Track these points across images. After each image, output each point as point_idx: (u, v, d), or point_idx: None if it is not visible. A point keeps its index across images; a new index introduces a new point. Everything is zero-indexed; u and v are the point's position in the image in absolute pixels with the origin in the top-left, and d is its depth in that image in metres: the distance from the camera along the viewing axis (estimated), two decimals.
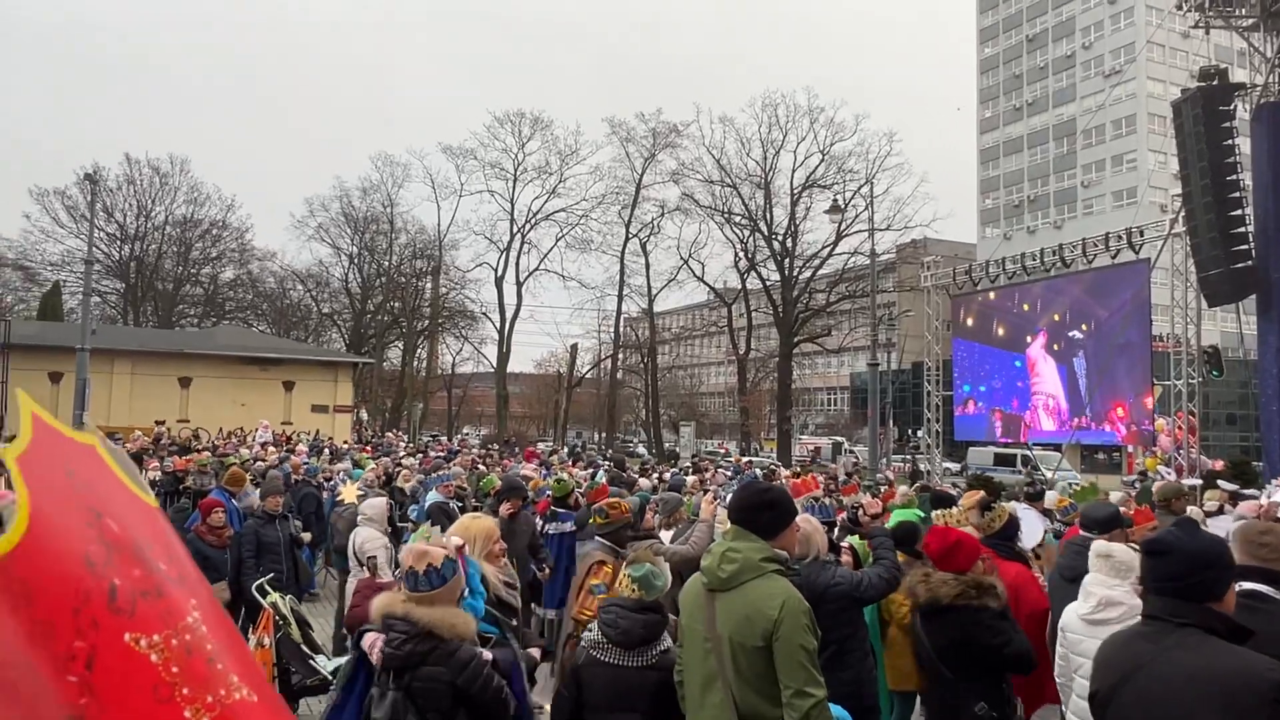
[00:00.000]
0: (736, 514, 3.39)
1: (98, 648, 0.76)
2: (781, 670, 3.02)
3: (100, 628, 0.76)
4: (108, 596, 0.77)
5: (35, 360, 30.10)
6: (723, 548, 3.29)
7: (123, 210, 50.04)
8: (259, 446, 20.82)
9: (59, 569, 0.74)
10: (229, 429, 27.16)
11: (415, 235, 53.05)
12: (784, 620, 3.03)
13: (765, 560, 3.18)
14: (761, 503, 3.39)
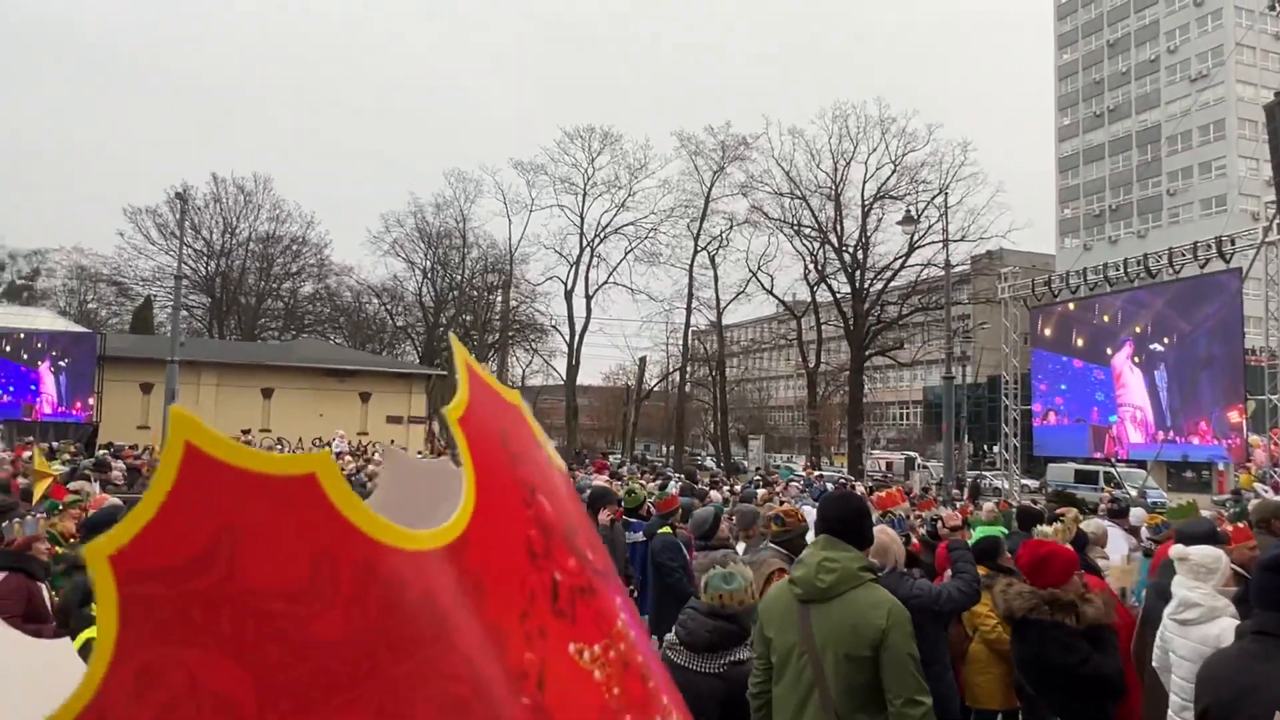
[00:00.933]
0: (830, 523, 3.35)
1: (547, 662, 0.60)
2: (890, 679, 2.98)
3: (547, 636, 0.61)
4: (551, 596, 0.62)
5: (128, 371, 31.43)
6: (817, 558, 3.24)
7: (209, 227, 52.01)
8: (336, 455, 21.38)
9: (505, 561, 0.60)
10: (308, 439, 27.94)
11: (487, 249, 53.96)
12: (891, 629, 2.99)
13: (863, 569, 3.15)
14: (856, 512, 3.35)
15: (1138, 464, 27.84)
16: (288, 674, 0.48)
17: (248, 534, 0.48)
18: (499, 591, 0.60)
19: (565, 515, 0.66)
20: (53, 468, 16.94)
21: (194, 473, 0.47)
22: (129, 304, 52.93)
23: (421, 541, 0.54)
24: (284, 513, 0.49)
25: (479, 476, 0.59)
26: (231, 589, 0.47)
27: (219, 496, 0.47)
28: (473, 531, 0.57)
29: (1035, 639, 4.12)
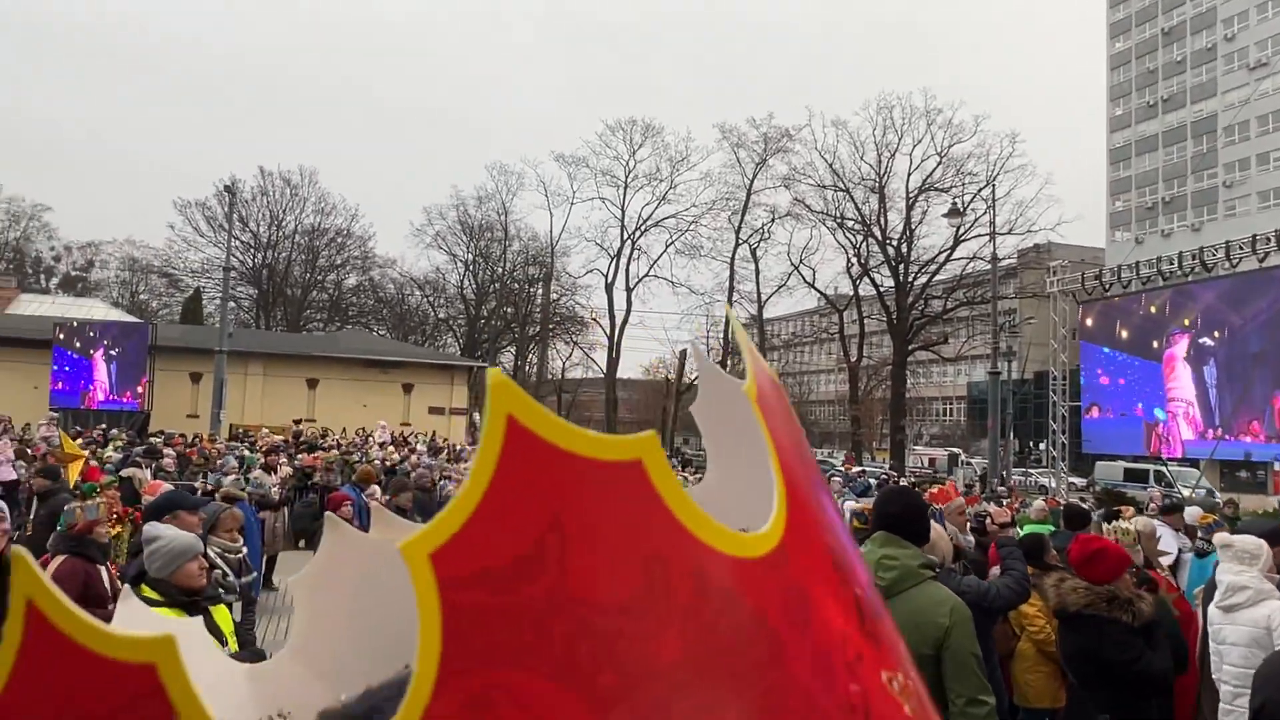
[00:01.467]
0: (888, 519, 3.29)
1: (870, 695, 0.51)
2: (953, 678, 2.93)
3: (863, 663, 0.53)
4: (859, 616, 0.54)
5: (178, 361, 32.09)
6: (876, 555, 3.19)
7: (256, 220, 52.87)
8: (378, 446, 21.62)
9: (819, 573, 0.52)
10: (352, 428, 28.32)
11: (528, 242, 54.25)
12: (955, 627, 2.94)
13: (923, 566, 3.10)
14: (914, 508, 3.30)
15: (1190, 462, 27.20)
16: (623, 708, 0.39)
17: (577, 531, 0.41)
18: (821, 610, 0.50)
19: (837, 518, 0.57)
20: (105, 454, 17.36)
21: (519, 455, 0.40)
22: (179, 295, 54.04)
23: (748, 547, 0.46)
24: (613, 507, 0.42)
25: (786, 473, 0.51)
26: (563, 598, 0.40)
27: (546, 484, 0.40)
28: (789, 537, 0.48)
29: (1092, 634, 4.04)
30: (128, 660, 0.41)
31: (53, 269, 59.31)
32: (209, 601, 4.16)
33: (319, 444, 21.16)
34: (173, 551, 3.99)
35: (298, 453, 18.34)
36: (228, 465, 13.17)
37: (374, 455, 18.85)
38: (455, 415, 36.03)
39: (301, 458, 17.67)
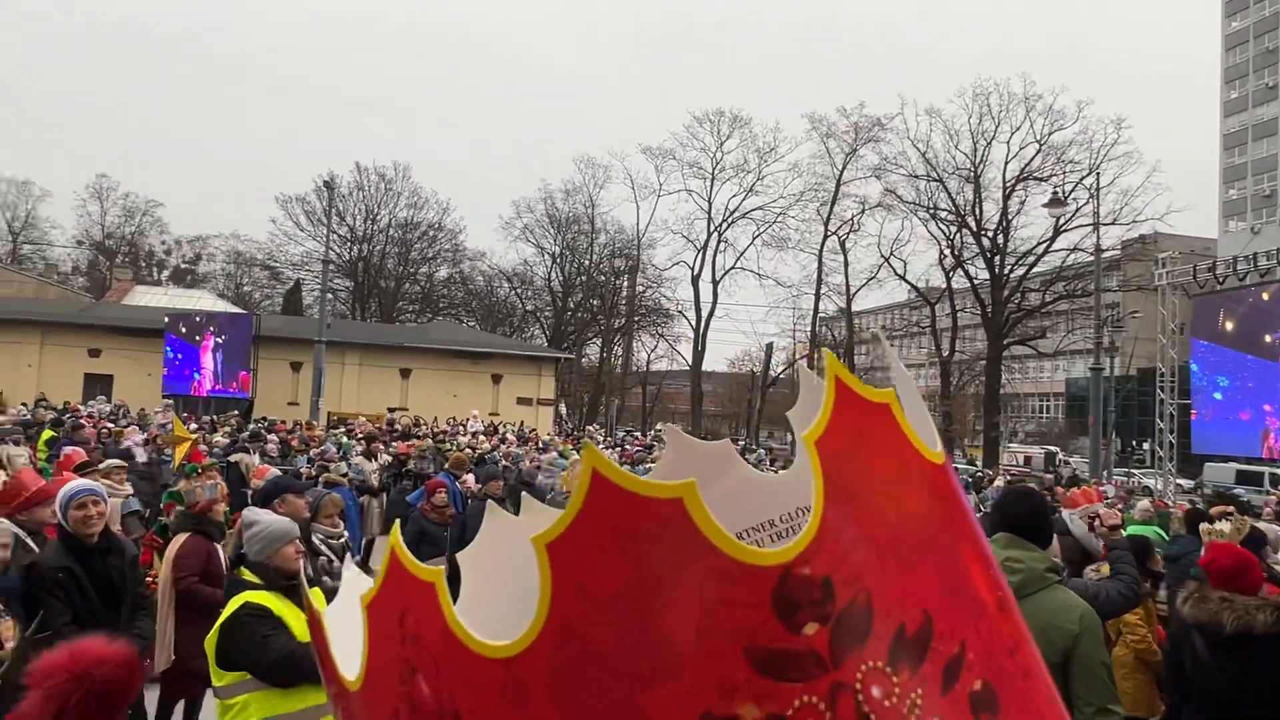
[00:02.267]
0: (1012, 521, 3.17)
1: None
2: (1082, 686, 2.81)
3: None
4: None
5: (280, 351, 33.35)
6: (1000, 557, 3.06)
7: (353, 214, 54.43)
8: (470, 435, 22.07)
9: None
10: (443, 418, 28.96)
11: (614, 235, 54.48)
12: (1085, 634, 2.82)
13: (1049, 570, 2.98)
14: (1040, 510, 3.18)
15: None
16: None
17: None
18: None
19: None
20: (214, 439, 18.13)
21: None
22: (280, 287, 56.12)
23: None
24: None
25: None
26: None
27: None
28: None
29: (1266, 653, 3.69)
30: (662, 497, 0.60)
31: (164, 262, 62.34)
32: (306, 584, 4.27)
33: (412, 432, 21.72)
34: (271, 535, 4.10)
35: (392, 441, 18.84)
36: (328, 452, 13.61)
37: (464, 443, 19.25)
38: (543, 406, 36.51)
39: (396, 445, 18.16)
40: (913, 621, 0.66)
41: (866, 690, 0.63)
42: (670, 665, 0.61)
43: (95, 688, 1.85)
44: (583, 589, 0.61)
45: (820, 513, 0.64)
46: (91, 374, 32.41)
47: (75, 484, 4.72)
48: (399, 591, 0.69)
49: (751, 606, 0.61)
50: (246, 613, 3.87)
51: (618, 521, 0.60)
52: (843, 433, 0.67)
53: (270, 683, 3.84)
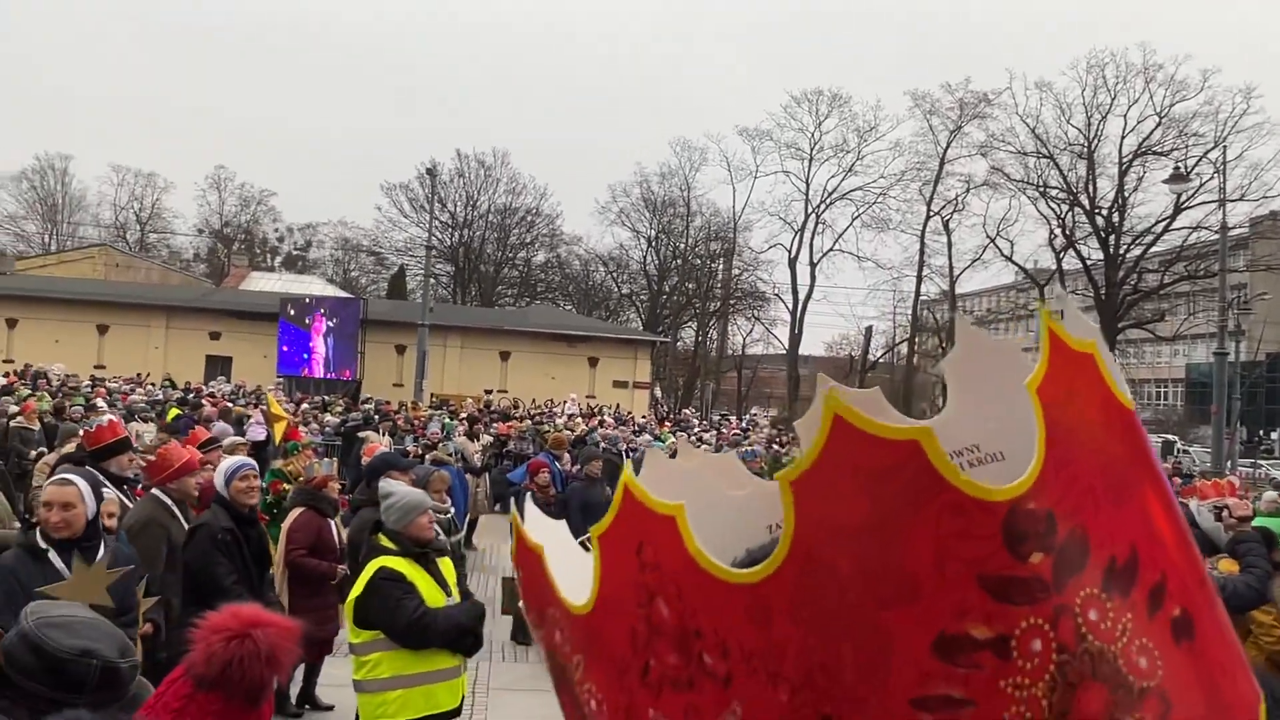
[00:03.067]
0: None
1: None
2: None
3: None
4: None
5: (385, 334, 34.43)
6: None
7: (454, 201, 55.59)
8: (568, 417, 22.39)
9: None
10: (541, 400, 29.45)
11: (710, 218, 54.20)
12: None
13: None
14: None
15: None
16: None
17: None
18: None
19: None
20: (325, 418, 18.87)
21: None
22: (385, 272, 57.86)
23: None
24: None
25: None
26: None
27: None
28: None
29: None
30: (899, 439, 0.66)
31: (277, 249, 64.94)
32: (436, 553, 4.49)
33: (511, 413, 22.17)
34: (406, 506, 4.34)
35: (492, 422, 19.28)
36: (433, 431, 14.02)
37: (562, 425, 19.55)
38: (638, 389, 36.72)
39: (497, 426, 18.58)
40: (1122, 553, 0.72)
41: (1085, 613, 0.69)
42: (908, 590, 0.67)
43: (260, 648, 1.95)
44: (826, 521, 0.68)
45: (1043, 454, 0.69)
46: (212, 355, 34.14)
47: (236, 459, 5.12)
48: (636, 524, 0.78)
49: (983, 538, 0.66)
50: (382, 576, 4.12)
51: (859, 461, 0.66)
52: (1058, 380, 0.73)
53: (401, 643, 4.08)
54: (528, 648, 8.19)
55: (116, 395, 18.38)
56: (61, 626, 1.57)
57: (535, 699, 6.96)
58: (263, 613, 2.10)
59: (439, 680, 4.19)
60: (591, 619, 0.81)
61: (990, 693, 0.67)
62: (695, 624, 0.75)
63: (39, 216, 58.07)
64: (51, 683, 1.50)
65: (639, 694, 0.81)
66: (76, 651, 1.54)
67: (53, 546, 3.53)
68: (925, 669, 0.67)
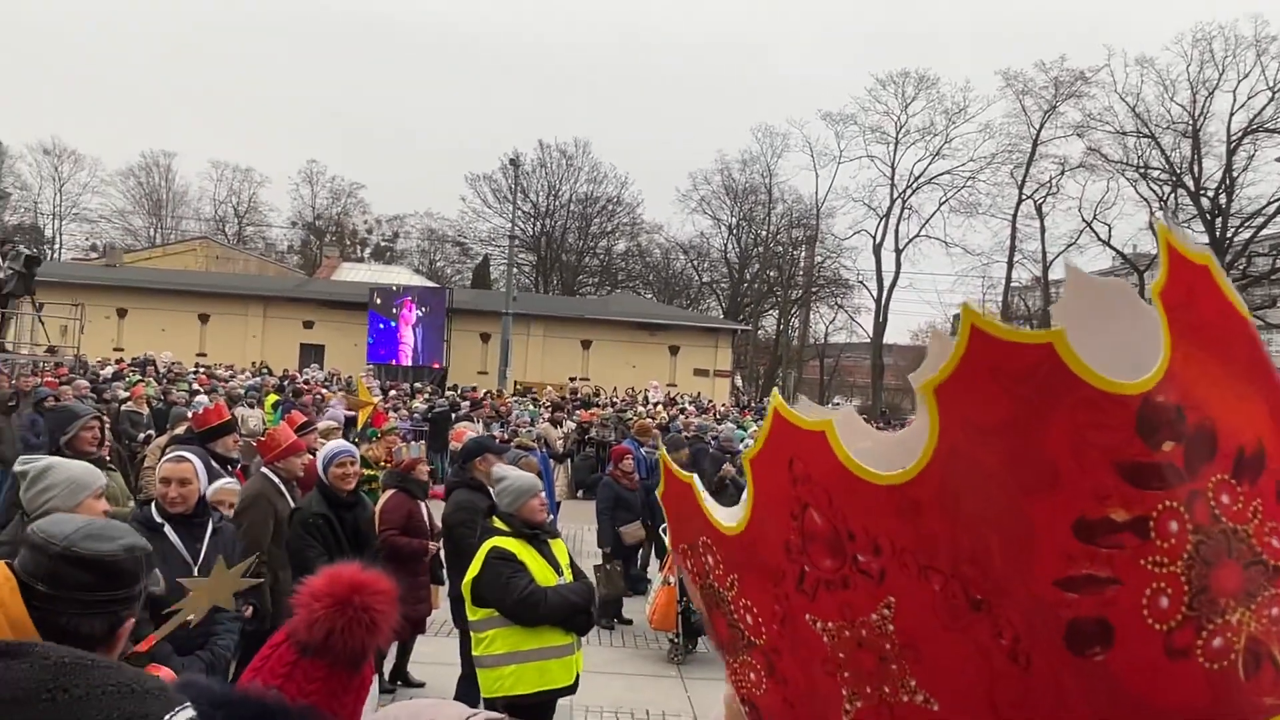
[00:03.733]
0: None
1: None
2: None
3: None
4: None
5: (470, 323, 35.06)
6: None
7: (536, 190, 56.23)
8: (651, 405, 22.44)
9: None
10: (622, 388, 29.59)
11: (792, 204, 53.54)
12: None
13: None
14: None
15: None
16: None
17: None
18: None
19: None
20: (413, 404, 19.31)
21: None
22: (469, 262, 58.87)
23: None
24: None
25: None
26: None
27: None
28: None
29: None
30: (1032, 342, 0.70)
31: (366, 240, 66.60)
32: (548, 535, 4.61)
33: (592, 401, 22.33)
34: (519, 489, 4.48)
35: (574, 409, 19.45)
36: (519, 418, 14.21)
37: (644, 413, 19.60)
38: (719, 377, 36.59)
39: (579, 413, 18.74)
40: (1249, 445, 0.76)
41: (1217, 497, 0.73)
42: (1049, 478, 0.71)
43: (360, 614, 1.99)
44: (968, 421, 0.73)
45: (1168, 351, 0.72)
46: (306, 344, 35.30)
47: (336, 445, 5.30)
48: (786, 443, 0.84)
49: (1117, 428, 0.70)
50: (495, 556, 4.28)
51: (997, 363, 0.70)
52: (1178, 286, 0.76)
53: (513, 620, 4.24)
54: (611, 631, 8.26)
55: (218, 381, 19.15)
56: (93, 535, 1.64)
57: (621, 682, 7.01)
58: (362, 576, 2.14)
59: (552, 657, 4.31)
60: (745, 537, 0.88)
61: (1132, 570, 0.71)
62: (848, 527, 0.82)
63: (145, 211, 60.90)
64: (110, 586, 1.57)
65: (795, 600, 0.90)
66: (123, 551, 1.61)
67: (167, 521, 3.71)
68: (1068, 551, 0.72)
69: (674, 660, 7.52)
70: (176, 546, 3.70)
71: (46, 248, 51.81)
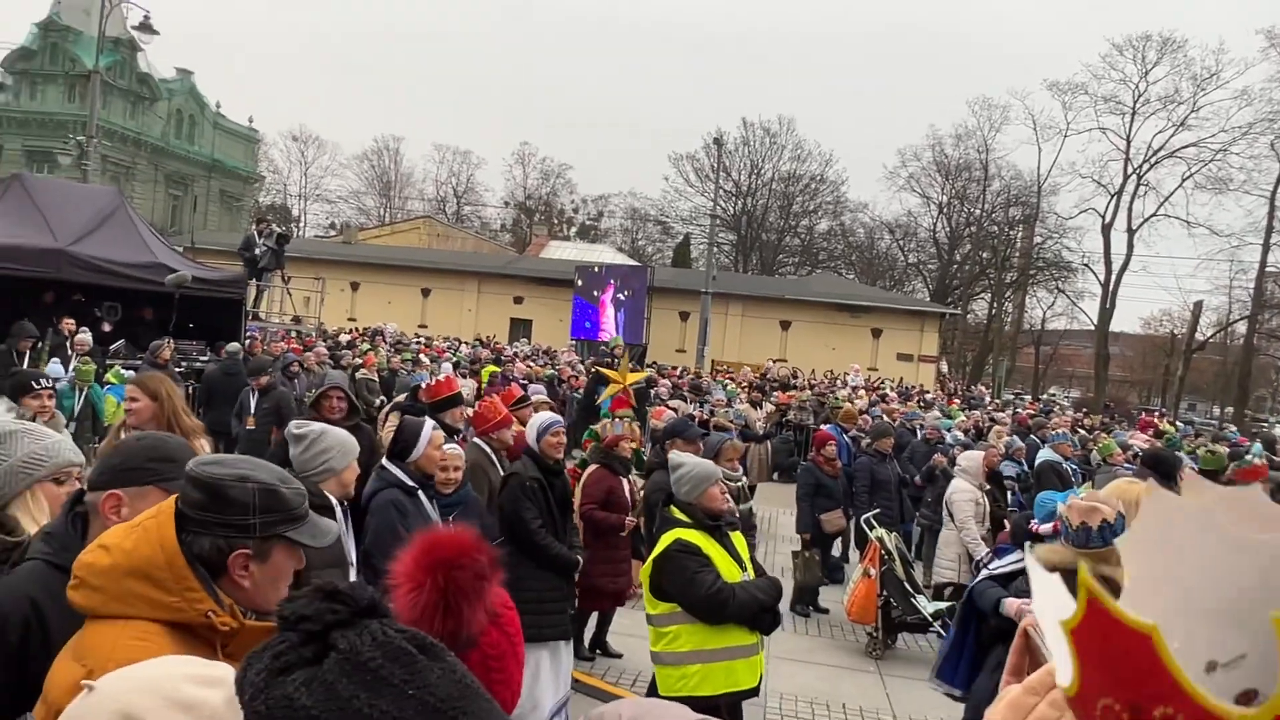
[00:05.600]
0: None
1: None
2: None
3: None
4: None
5: (670, 301, 35.49)
6: None
7: (738, 169, 56.04)
8: (851, 389, 21.85)
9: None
10: (820, 370, 29.02)
11: (1010, 181, 50.35)
12: None
13: None
14: None
15: None
16: None
17: None
18: None
19: None
20: None
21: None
22: (670, 241, 59.67)
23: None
24: None
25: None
26: None
27: None
28: None
29: None
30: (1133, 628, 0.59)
31: (572, 219, 69.00)
32: (729, 526, 4.44)
33: (790, 383, 22.02)
34: (697, 476, 4.30)
35: (771, 391, 19.25)
36: (715, 397, 14.24)
37: (844, 397, 19.11)
38: (924, 363, 35.11)
39: (777, 395, 18.54)
40: None
41: None
42: None
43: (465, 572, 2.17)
44: None
45: None
46: (515, 318, 37.11)
47: (548, 416, 5.51)
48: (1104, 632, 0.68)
49: None
50: (678, 548, 4.09)
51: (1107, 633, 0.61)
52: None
53: (699, 617, 4.04)
54: (806, 619, 8.14)
55: (435, 352, 20.45)
56: (217, 463, 1.74)
57: (814, 672, 6.90)
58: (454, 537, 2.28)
59: (739, 657, 4.10)
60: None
61: None
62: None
63: (376, 192, 66.02)
64: (216, 509, 1.66)
65: None
66: (234, 478, 1.68)
67: (420, 487, 4.05)
68: None
69: (872, 654, 7.31)
70: (427, 509, 4.01)
71: (293, 226, 57.35)
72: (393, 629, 0.96)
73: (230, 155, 53.32)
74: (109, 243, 12.70)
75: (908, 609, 7.18)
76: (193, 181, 50.25)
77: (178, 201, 49.44)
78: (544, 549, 4.88)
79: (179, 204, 49.40)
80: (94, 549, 1.60)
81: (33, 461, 2.09)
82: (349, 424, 6.04)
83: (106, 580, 1.55)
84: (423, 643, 0.97)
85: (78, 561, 1.59)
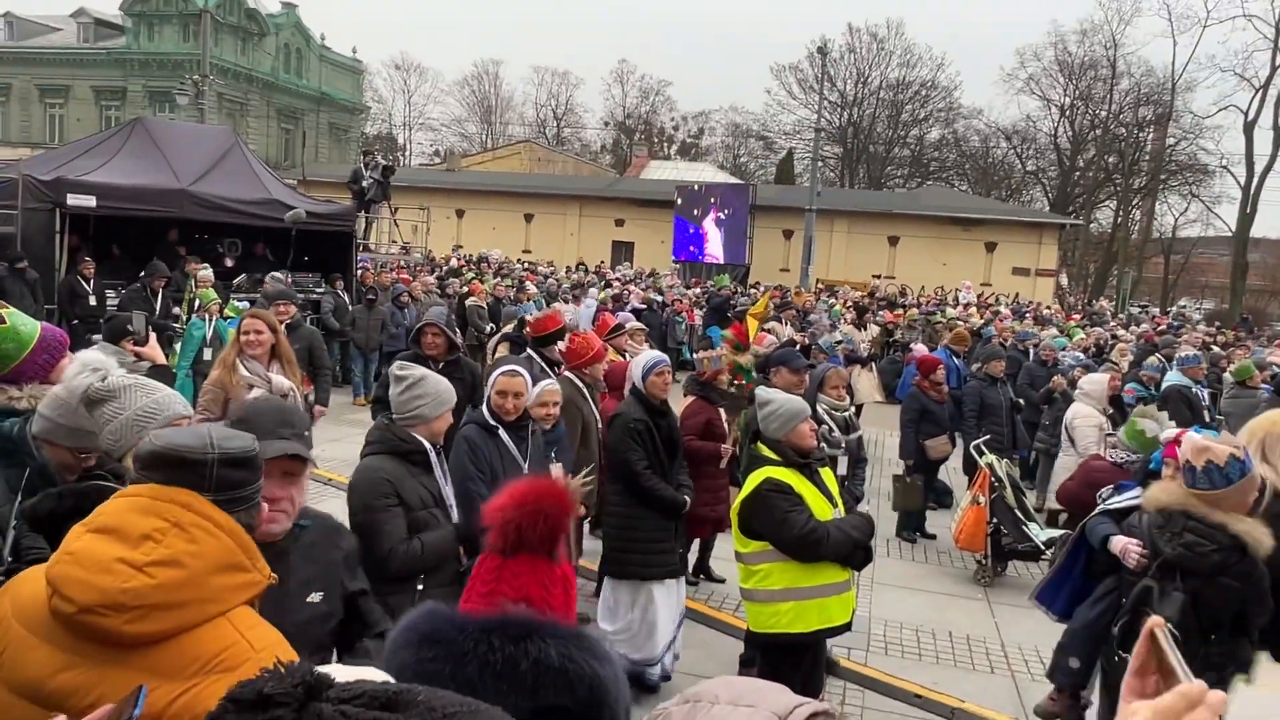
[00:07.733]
0: None
1: None
2: None
3: None
4: None
5: (773, 219, 34.80)
6: None
7: (844, 79, 53.83)
8: (962, 307, 21.13)
9: None
10: (931, 287, 28.11)
11: (1140, 79, 46.84)
12: None
13: None
14: None
15: None
16: None
17: None
18: None
19: None
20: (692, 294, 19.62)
21: None
22: (773, 157, 58.16)
23: None
24: None
25: None
26: None
27: None
28: None
29: None
30: None
31: (672, 138, 67.98)
32: (818, 463, 4.35)
33: (898, 302, 21.43)
34: (786, 414, 4.19)
35: (878, 310, 18.79)
36: (820, 321, 13.99)
37: (954, 315, 18.49)
38: (1041, 276, 33.57)
39: (884, 315, 18.09)
40: None
41: None
42: None
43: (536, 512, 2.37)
44: None
45: None
46: (617, 241, 37.09)
47: (653, 355, 5.48)
48: None
49: None
50: (769, 488, 4.01)
51: None
52: None
53: (790, 556, 4.00)
54: (912, 545, 8.06)
55: (540, 278, 20.69)
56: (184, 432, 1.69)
57: (919, 598, 6.85)
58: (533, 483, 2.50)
59: (832, 594, 4.06)
60: None
61: None
62: None
63: (477, 118, 66.38)
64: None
65: None
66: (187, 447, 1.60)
67: (501, 425, 4.10)
68: None
69: (980, 582, 7.20)
70: (509, 447, 4.08)
71: (399, 155, 58.40)
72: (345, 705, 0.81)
73: (337, 87, 54.33)
74: (227, 181, 13.21)
75: (1019, 537, 7.02)
76: (302, 115, 51.52)
77: (289, 135, 50.88)
78: (650, 491, 4.90)
79: (290, 138, 50.83)
80: (133, 573, 1.44)
81: (145, 414, 2.20)
82: (449, 358, 6.21)
83: (188, 592, 1.47)
84: (386, 700, 0.82)
85: (123, 590, 1.42)
